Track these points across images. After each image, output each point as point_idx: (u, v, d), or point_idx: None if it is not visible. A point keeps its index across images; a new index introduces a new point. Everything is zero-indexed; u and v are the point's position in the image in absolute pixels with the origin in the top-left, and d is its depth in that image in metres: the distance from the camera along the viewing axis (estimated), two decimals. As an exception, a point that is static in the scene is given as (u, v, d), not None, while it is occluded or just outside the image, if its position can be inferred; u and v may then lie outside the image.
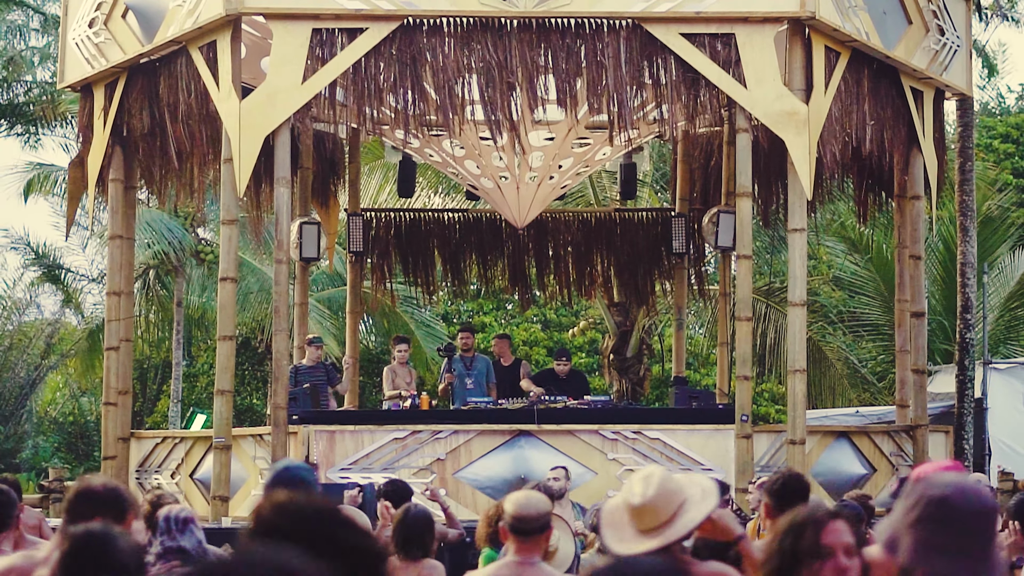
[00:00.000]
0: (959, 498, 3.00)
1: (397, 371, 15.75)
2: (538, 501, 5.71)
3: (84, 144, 14.78)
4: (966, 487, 3.04)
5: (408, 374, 15.81)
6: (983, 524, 2.99)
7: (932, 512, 3.00)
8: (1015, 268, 23.26)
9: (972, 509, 2.99)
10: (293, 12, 12.85)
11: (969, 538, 2.97)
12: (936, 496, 3.02)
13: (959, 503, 2.99)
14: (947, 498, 3.00)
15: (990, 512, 3.02)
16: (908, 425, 14.74)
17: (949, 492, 3.01)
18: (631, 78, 12.93)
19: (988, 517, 3.01)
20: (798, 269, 13.40)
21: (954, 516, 2.98)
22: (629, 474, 13.33)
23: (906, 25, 14.01)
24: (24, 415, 29.56)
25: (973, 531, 2.98)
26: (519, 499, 5.69)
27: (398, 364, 15.81)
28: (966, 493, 3.01)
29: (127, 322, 15.16)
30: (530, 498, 5.70)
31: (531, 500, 5.68)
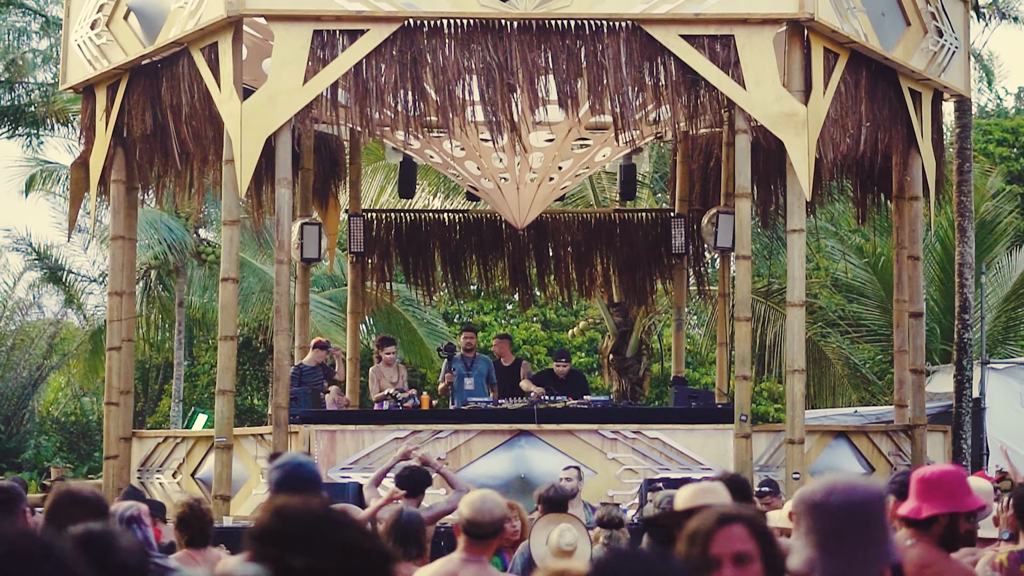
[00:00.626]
0: (828, 498, 3.07)
1: (383, 372, 15.69)
2: (494, 506, 5.75)
3: (86, 145, 14.82)
4: (834, 486, 3.10)
5: (396, 373, 15.77)
6: (855, 516, 3.05)
7: (811, 519, 3.08)
8: (1013, 268, 23.29)
9: (841, 504, 3.05)
10: (294, 14, 12.88)
11: (844, 532, 3.04)
12: (810, 503, 3.10)
13: (829, 502, 3.06)
14: (817, 502, 3.08)
15: (861, 503, 3.08)
16: (906, 425, 14.77)
17: (819, 495, 3.08)
18: (631, 79, 12.95)
19: (859, 508, 3.07)
20: (797, 270, 13.44)
21: (827, 515, 3.06)
22: (629, 473, 13.44)
23: (904, 27, 14.04)
24: (26, 415, 29.60)
25: (847, 525, 3.04)
26: (475, 501, 5.74)
27: (384, 365, 15.77)
28: (834, 491, 3.08)
29: (129, 322, 15.20)
30: (486, 502, 5.74)
31: (487, 504, 5.72)
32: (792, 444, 13.12)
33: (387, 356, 15.78)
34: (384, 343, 16.19)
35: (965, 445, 17.14)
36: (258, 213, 16.79)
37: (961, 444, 17.01)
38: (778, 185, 16.23)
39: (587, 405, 14.57)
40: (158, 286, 27.72)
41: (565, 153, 16.07)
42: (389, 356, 15.78)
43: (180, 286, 27.25)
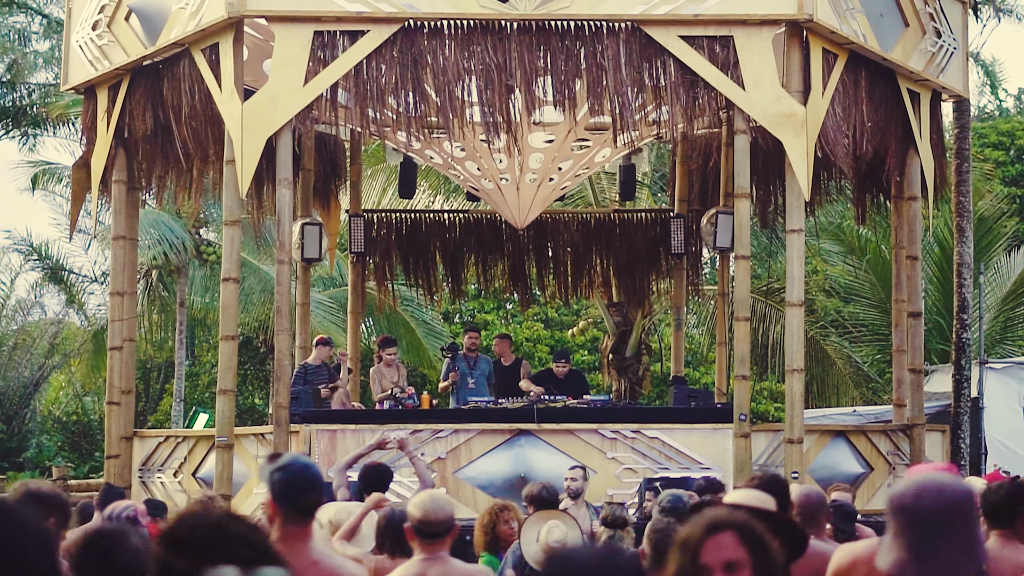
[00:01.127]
0: (919, 500, 3.03)
1: (384, 372, 15.71)
2: (443, 503, 5.76)
3: (87, 146, 14.84)
4: (925, 487, 3.06)
5: (396, 373, 15.79)
6: (946, 518, 3.01)
7: (901, 521, 3.04)
8: (1011, 268, 23.32)
9: (931, 507, 3.01)
10: (295, 15, 12.91)
11: (935, 534, 3.00)
12: (900, 504, 3.06)
13: (919, 504, 3.03)
14: (907, 504, 3.04)
15: (951, 505, 3.03)
16: (905, 424, 14.79)
17: (909, 497, 3.05)
18: (630, 80, 12.98)
19: (949, 510, 3.03)
20: (796, 269, 13.47)
21: (918, 517, 3.02)
22: (629, 472, 13.48)
23: (903, 27, 14.06)
24: (28, 414, 29.62)
25: (938, 528, 3.00)
26: (424, 502, 5.74)
27: (384, 365, 15.80)
28: (924, 493, 3.04)
29: (130, 322, 15.23)
30: (435, 499, 5.75)
31: (437, 502, 5.73)
32: (791, 443, 13.14)
33: (388, 357, 15.80)
34: (385, 344, 16.21)
35: (963, 445, 17.16)
36: (258, 213, 16.82)
37: (959, 444, 17.03)
38: (777, 185, 16.27)
39: (587, 404, 14.62)
40: (159, 286, 27.78)
41: (565, 154, 16.10)
42: (390, 357, 15.81)
43: (181, 286, 27.30)
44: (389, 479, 10.27)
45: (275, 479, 4.92)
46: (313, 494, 4.86)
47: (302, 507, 4.83)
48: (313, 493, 4.87)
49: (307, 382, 15.03)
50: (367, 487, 10.07)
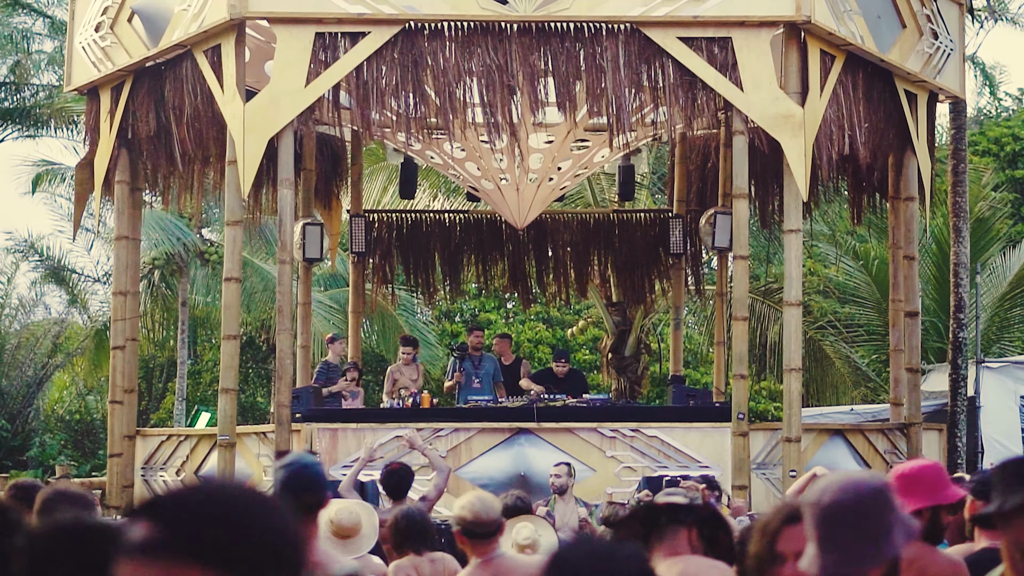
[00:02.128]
0: (821, 497, 3.10)
1: (402, 370, 15.86)
2: (492, 504, 5.76)
3: (91, 146, 14.90)
4: (829, 485, 3.13)
5: (414, 372, 15.89)
6: (846, 514, 3.07)
7: (809, 519, 3.12)
8: (1007, 268, 23.36)
9: (831, 503, 3.08)
10: (296, 16, 12.98)
11: (836, 530, 3.07)
12: (808, 503, 3.14)
13: (821, 501, 3.09)
14: (812, 502, 3.11)
15: (852, 501, 3.09)
16: (902, 423, 14.83)
17: (814, 495, 3.12)
18: (629, 81, 13.03)
19: (850, 506, 3.09)
20: (794, 269, 13.52)
21: (820, 515, 3.09)
22: (628, 471, 13.55)
23: (900, 29, 14.12)
24: (31, 413, 29.64)
25: (839, 523, 3.07)
26: (472, 503, 5.72)
27: (403, 364, 15.96)
28: (827, 490, 3.11)
29: (133, 322, 15.32)
30: (483, 500, 5.74)
31: (485, 503, 5.73)
32: (789, 442, 13.22)
33: (404, 356, 15.99)
34: (402, 342, 16.52)
35: (960, 443, 17.20)
36: (259, 213, 16.88)
37: (956, 442, 17.07)
38: (775, 186, 16.33)
39: (586, 404, 14.66)
40: (161, 285, 27.86)
41: (564, 154, 16.15)
42: (406, 356, 15.96)
43: (183, 285, 27.38)
44: (411, 479, 10.25)
45: (277, 477, 4.97)
46: (313, 493, 4.85)
47: (302, 505, 4.89)
48: (313, 492, 4.86)
49: (330, 379, 15.26)
50: (388, 489, 10.07)
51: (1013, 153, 32.37)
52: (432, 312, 31.17)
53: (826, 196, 17.45)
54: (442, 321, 31.69)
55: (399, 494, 9.90)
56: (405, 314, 28.14)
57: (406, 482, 10.01)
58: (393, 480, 9.93)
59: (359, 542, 7.70)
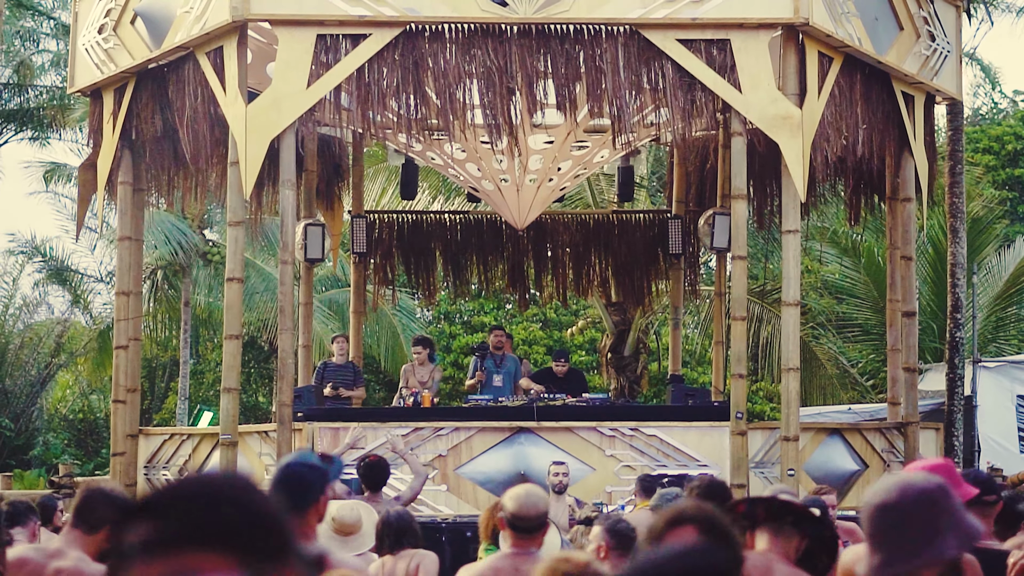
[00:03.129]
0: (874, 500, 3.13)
1: (416, 370, 15.91)
2: (538, 500, 5.74)
3: (94, 147, 14.92)
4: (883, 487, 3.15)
5: (427, 373, 15.87)
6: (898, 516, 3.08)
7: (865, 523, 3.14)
8: (1004, 268, 23.45)
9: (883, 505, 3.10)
10: (298, 18, 13.00)
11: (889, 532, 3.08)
12: (864, 507, 3.17)
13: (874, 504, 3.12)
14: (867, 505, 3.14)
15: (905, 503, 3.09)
16: (899, 422, 14.87)
17: (869, 498, 3.15)
18: (629, 83, 13.05)
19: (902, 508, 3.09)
20: (792, 270, 13.55)
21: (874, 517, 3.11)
22: (627, 470, 13.62)
23: (897, 31, 14.16)
24: (35, 412, 29.70)
25: (906, 523, 3.07)
26: (520, 495, 5.72)
27: (417, 364, 16.03)
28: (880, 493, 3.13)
29: (136, 321, 15.33)
30: (531, 495, 5.73)
31: (532, 498, 5.71)
32: (787, 441, 13.26)
33: (416, 356, 16.07)
34: (415, 343, 16.58)
35: (957, 442, 17.29)
36: (258, 214, 16.94)
37: (953, 441, 17.16)
38: (773, 187, 16.39)
39: (586, 403, 14.71)
40: (164, 286, 27.95)
41: (564, 155, 16.19)
42: (419, 356, 16.04)
43: (186, 286, 27.47)
44: (387, 473, 10.48)
45: (274, 473, 5.04)
46: (300, 492, 4.87)
47: (290, 503, 4.94)
48: (301, 491, 4.88)
49: (324, 379, 15.36)
50: (365, 482, 10.32)
51: (1014, 152, 32.46)
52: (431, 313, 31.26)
53: (824, 197, 17.50)
54: (441, 322, 31.76)
55: (375, 487, 10.19)
56: (399, 315, 28.23)
57: (383, 475, 10.26)
58: (370, 472, 10.17)
59: (360, 539, 7.79)
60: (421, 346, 16.33)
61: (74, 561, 5.00)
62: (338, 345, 16.37)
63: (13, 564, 5.00)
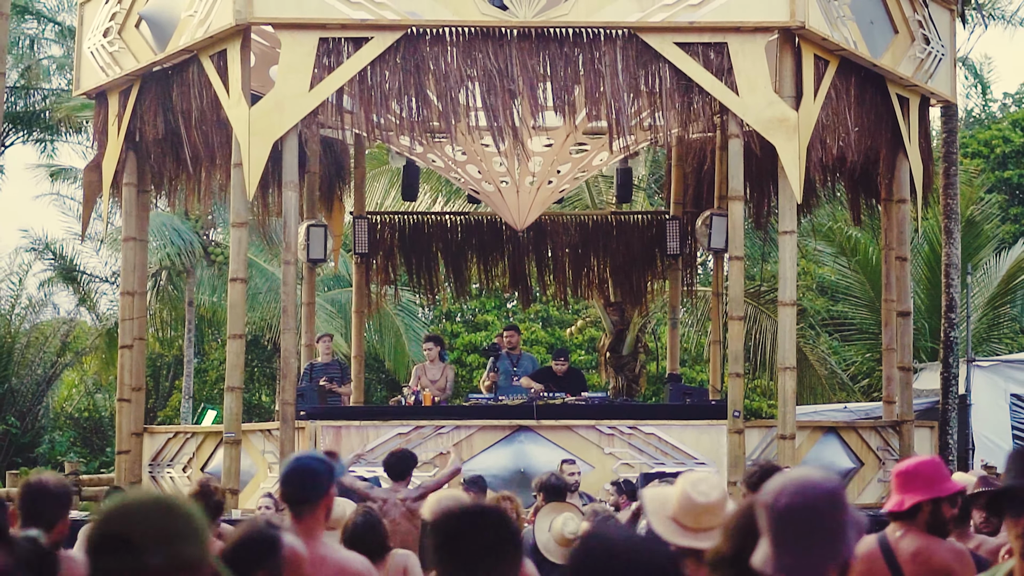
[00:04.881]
0: (776, 498, 3.11)
1: (427, 368, 15.97)
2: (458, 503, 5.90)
3: (99, 149, 15.00)
4: (784, 486, 3.13)
5: (439, 371, 15.94)
6: (801, 515, 3.08)
7: (764, 519, 3.13)
8: (998, 269, 23.54)
9: (787, 505, 3.09)
10: (301, 22, 13.09)
11: (791, 531, 3.08)
12: (762, 503, 3.15)
13: (776, 502, 3.11)
14: (767, 503, 3.12)
15: (807, 503, 3.09)
16: (894, 421, 14.96)
17: (769, 496, 3.13)
18: (627, 86, 13.13)
19: (805, 508, 3.09)
20: (788, 270, 13.64)
21: (775, 515, 3.10)
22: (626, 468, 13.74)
23: (892, 34, 14.25)
24: (41, 411, 29.75)
25: (793, 524, 3.08)
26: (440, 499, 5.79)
27: (428, 362, 16.10)
28: (783, 491, 3.12)
29: (140, 321, 15.39)
30: (453, 499, 5.85)
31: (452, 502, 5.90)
32: (784, 439, 13.36)
33: (427, 353, 16.18)
34: (424, 340, 16.68)
35: (951, 440, 17.39)
36: (262, 215, 17.03)
37: (947, 439, 17.26)
38: (770, 188, 16.49)
39: (585, 401, 14.76)
40: (168, 286, 28.08)
41: (563, 157, 16.25)
42: (428, 353, 16.14)
43: (190, 286, 27.58)
44: (412, 466, 10.69)
45: (281, 470, 5.14)
46: (303, 491, 4.97)
47: (292, 501, 5.03)
48: (303, 490, 4.98)
49: (313, 379, 15.40)
50: (390, 471, 10.55)
51: (1003, 155, 32.61)
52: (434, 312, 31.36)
53: (820, 198, 17.60)
54: (443, 322, 31.87)
55: (400, 476, 10.40)
56: (402, 314, 28.35)
57: (407, 464, 10.46)
58: (396, 462, 10.40)
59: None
60: (432, 343, 16.42)
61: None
62: (323, 344, 16.40)
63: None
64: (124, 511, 2.69)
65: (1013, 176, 32.22)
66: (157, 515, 2.68)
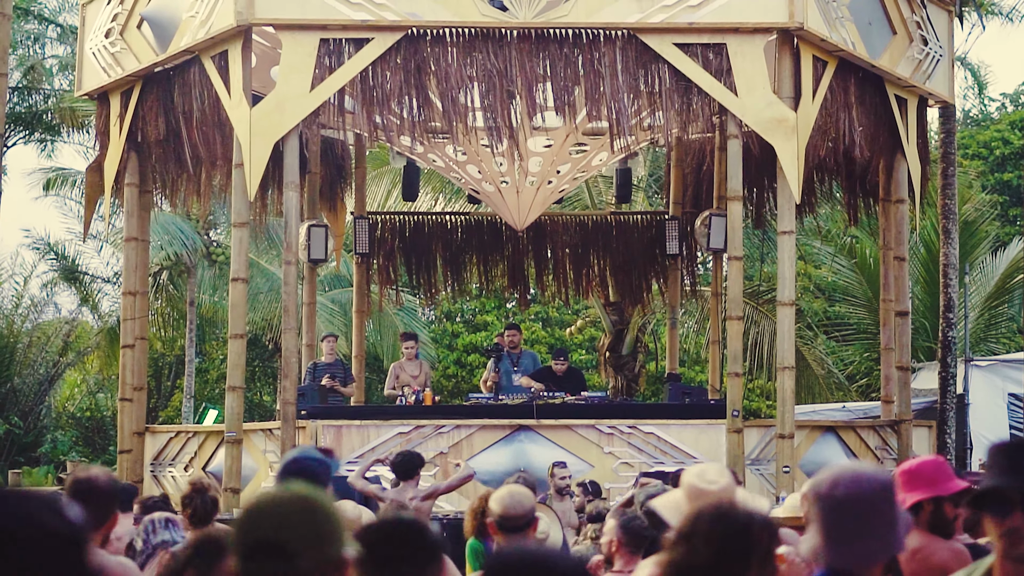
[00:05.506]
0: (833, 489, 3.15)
1: (404, 367, 15.99)
2: (522, 498, 5.80)
3: (101, 150, 15.04)
4: (840, 477, 3.16)
5: (418, 368, 16.04)
6: (857, 508, 3.11)
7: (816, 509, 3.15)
8: (995, 269, 23.60)
9: (844, 496, 3.12)
10: (302, 23, 13.13)
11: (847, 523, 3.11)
12: (816, 493, 3.17)
13: (833, 494, 3.14)
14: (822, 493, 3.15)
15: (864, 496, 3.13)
16: (893, 420, 15.00)
17: (824, 487, 3.16)
18: (627, 86, 13.16)
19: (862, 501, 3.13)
20: (787, 270, 13.67)
21: (831, 507, 3.13)
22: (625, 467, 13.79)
23: (891, 35, 14.28)
24: (43, 410, 29.81)
25: (850, 517, 3.11)
26: (503, 496, 5.78)
27: (406, 360, 16.14)
28: (839, 483, 3.15)
29: (142, 321, 15.43)
30: (514, 495, 5.78)
31: (516, 497, 5.77)
32: (782, 438, 13.40)
33: (407, 351, 16.15)
34: (404, 338, 16.61)
35: (949, 440, 17.42)
36: (263, 215, 17.07)
37: (945, 439, 17.28)
38: (768, 188, 16.54)
39: (584, 401, 14.78)
40: (170, 286, 28.15)
41: (563, 158, 16.29)
42: (409, 351, 16.14)
43: (191, 286, 27.65)
44: (420, 466, 10.81)
45: (280, 468, 5.20)
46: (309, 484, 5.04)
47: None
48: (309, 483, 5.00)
49: (316, 379, 15.46)
50: (396, 471, 10.68)
51: (1002, 157, 32.68)
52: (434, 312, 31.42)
53: (819, 199, 17.63)
54: (443, 321, 31.94)
55: (406, 475, 10.52)
56: (402, 314, 28.41)
57: (414, 464, 10.58)
58: (404, 462, 10.53)
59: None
60: (414, 340, 16.49)
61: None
62: (327, 344, 16.45)
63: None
64: (273, 515, 2.74)
65: (1012, 178, 32.30)
66: (305, 518, 2.74)
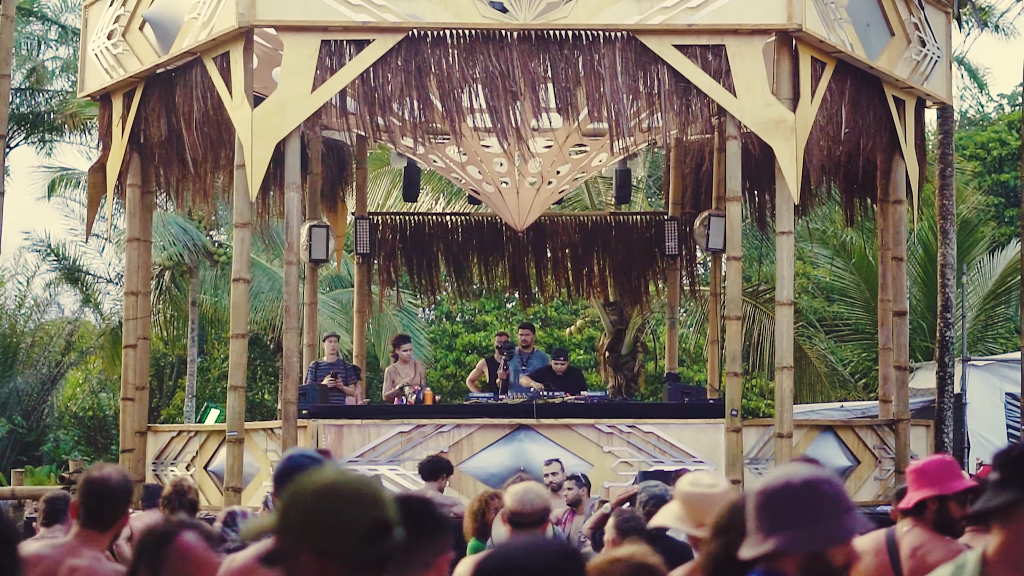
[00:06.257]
0: (764, 488, 3.22)
1: (400, 370, 15.99)
2: (537, 496, 5.83)
3: (103, 151, 15.07)
4: (778, 473, 3.23)
5: (412, 369, 16.09)
6: (781, 501, 3.17)
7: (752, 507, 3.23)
8: (992, 269, 23.66)
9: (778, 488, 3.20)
10: (303, 24, 13.15)
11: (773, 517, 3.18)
12: (753, 493, 3.25)
13: (763, 491, 3.21)
14: (756, 492, 3.23)
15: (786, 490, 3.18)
16: (891, 419, 15.02)
17: (757, 488, 3.24)
18: (626, 87, 13.19)
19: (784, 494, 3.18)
20: (786, 270, 13.70)
21: (761, 503, 3.21)
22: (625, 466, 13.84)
23: (889, 37, 14.33)
24: (46, 410, 29.90)
25: (774, 510, 3.18)
26: (519, 492, 5.81)
27: (401, 363, 16.14)
28: (771, 480, 3.22)
29: (144, 321, 15.47)
30: (529, 492, 5.82)
31: (530, 494, 5.81)
32: (781, 438, 13.42)
33: (403, 353, 16.10)
34: (400, 341, 16.51)
35: (947, 439, 17.49)
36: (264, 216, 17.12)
37: (943, 438, 17.35)
38: (767, 189, 16.59)
39: (584, 400, 14.81)
40: (172, 286, 28.21)
41: (563, 158, 16.32)
42: (405, 353, 16.10)
43: (193, 286, 27.72)
44: (444, 469, 10.99)
45: (274, 472, 5.18)
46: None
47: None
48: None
49: (317, 378, 15.50)
50: (423, 472, 10.84)
51: (999, 158, 32.75)
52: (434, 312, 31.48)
53: (817, 199, 17.68)
54: (442, 322, 32.00)
55: (431, 476, 10.70)
56: (401, 315, 28.48)
57: (439, 468, 10.75)
58: (430, 464, 10.80)
59: None
60: (408, 343, 16.51)
61: (89, 560, 4.93)
62: (329, 344, 16.45)
63: (28, 561, 4.77)
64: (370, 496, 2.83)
65: (1009, 179, 32.37)
66: (385, 495, 2.84)
